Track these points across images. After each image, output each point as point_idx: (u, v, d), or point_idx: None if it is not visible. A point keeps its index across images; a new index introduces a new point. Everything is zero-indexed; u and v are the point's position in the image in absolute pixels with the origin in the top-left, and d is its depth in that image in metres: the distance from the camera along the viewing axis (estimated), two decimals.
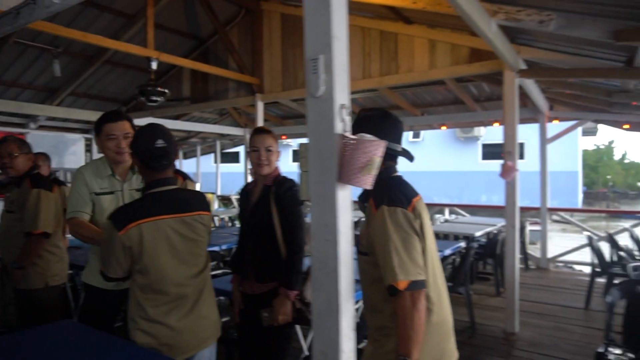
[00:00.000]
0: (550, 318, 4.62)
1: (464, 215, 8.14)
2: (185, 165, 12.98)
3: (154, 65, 4.83)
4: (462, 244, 4.60)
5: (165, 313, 1.79)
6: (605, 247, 5.39)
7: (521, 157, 16.01)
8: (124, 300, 2.24)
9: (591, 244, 4.96)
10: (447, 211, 8.17)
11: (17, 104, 6.58)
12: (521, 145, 15.95)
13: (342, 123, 1.38)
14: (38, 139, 7.92)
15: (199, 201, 1.97)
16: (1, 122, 7.41)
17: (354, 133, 1.44)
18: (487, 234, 6.08)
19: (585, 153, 26.42)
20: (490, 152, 16.60)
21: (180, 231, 1.84)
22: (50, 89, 6.91)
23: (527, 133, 15.02)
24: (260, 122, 6.13)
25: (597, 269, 4.95)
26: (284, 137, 10.40)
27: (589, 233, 5.96)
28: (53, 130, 8.17)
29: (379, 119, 1.64)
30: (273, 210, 2.25)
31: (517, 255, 4.22)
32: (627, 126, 6.59)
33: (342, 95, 1.40)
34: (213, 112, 9.53)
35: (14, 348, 1.76)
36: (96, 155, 8.83)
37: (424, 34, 4.78)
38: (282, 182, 2.31)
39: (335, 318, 1.38)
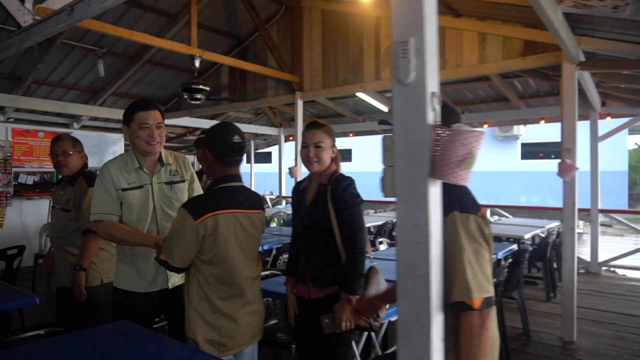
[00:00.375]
0: (609, 326, 4.35)
1: (506, 217, 7.84)
2: None
3: (197, 63, 4.82)
4: (514, 247, 4.38)
5: (230, 305, 1.86)
6: None
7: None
8: (163, 301, 2.23)
9: None
10: (488, 212, 7.89)
11: (63, 104, 6.74)
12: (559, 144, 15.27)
13: (434, 112, 1.26)
14: (80, 139, 8.10)
15: (259, 200, 2.07)
16: (47, 122, 7.62)
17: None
18: (534, 236, 5.82)
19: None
20: (530, 151, 16.00)
21: (246, 226, 1.92)
22: (94, 89, 7.04)
23: None
24: (300, 121, 6.05)
25: None
26: (291, 138, 10.37)
27: None
28: (95, 130, 8.35)
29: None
30: (330, 211, 2.10)
31: (576, 260, 3.99)
32: None
33: (433, 82, 1.28)
34: (248, 111, 9.54)
35: (74, 347, 1.72)
36: None
37: (473, 27, 4.58)
38: (339, 181, 2.15)
39: (426, 328, 1.25)
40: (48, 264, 3.10)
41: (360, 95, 7.26)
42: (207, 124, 9.03)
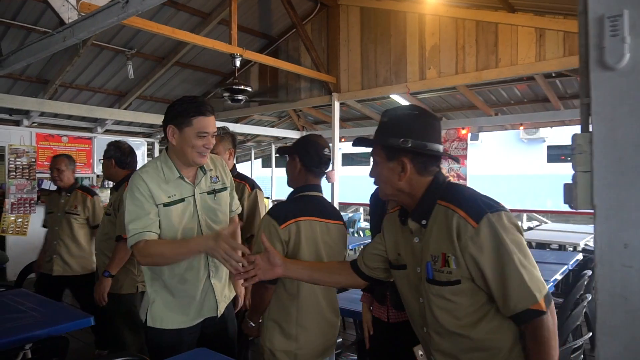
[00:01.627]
0: None
1: (546, 222, 7.54)
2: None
3: (238, 63, 4.61)
4: (579, 256, 4.08)
5: (307, 315, 1.83)
6: None
7: None
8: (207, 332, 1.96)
9: None
10: (524, 217, 7.59)
11: (88, 107, 6.55)
12: None
13: None
14: (103, 143, 7.93)
15: (337, 212, 2.03)
16: (70, 127, 7.45)
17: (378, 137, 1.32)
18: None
19: None
20: (556, 154, 15.62)
21: (324, 236, 1.89)
22: (120, 92, 6.85)
23: None
24: (337, 123, 5.82)
25: None
26: (343, 139, 10.09)
27: None
28: (117, 135, 8.16)
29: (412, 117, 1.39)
30: None
31: None
32: None
33: None
34: (272, 114, 9.33)
35: None
36: None
37: (529, 23, 4.33)
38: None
39: None
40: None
41: (394, 97, 7.02)
42: (231, 127, 8.81)
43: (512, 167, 14.83)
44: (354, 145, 1.50)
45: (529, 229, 6.72)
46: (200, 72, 6.87)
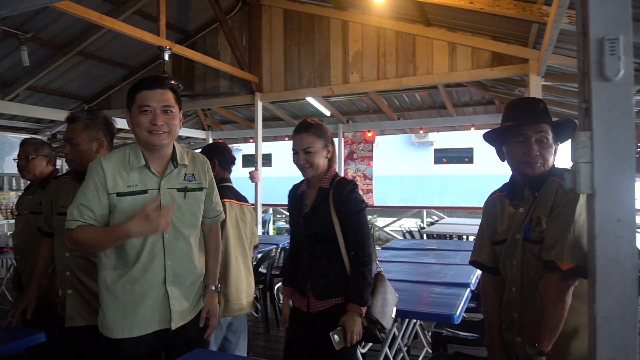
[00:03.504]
0: None
1: (442, 217, 8.38)
2: None
3: (167, 57, 4.37)
4: None
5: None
6: None
7: (471, 161, 17.03)
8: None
9: None
10: (424, 213, 8.36)
11: None
12: (470, 150, 16.92)
13: (637, 109, 1.28)
14: None
15: (245, 197, 2.75)
16: None
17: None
18: None
19: None
20: (440, 156, 17.50)
21: (242, 216, 2.62)
22: (4, 81, 6.00)
23: (475, 138, 16.01)
24: (259, 123, 5.82)
25: None
26: (220, 142, 10.10)
27: None
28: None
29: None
30: (334, 217, 1.95)
31: None
32: None
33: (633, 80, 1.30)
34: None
35: None
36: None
37: (443, 37, 4.83)
38: (342, 185, 1.99)
39: (632, 321, 1.27)
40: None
41: (309, 99, 7.23)
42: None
43: (404, 168, 16.22)
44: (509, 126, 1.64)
45: (431, 223, 7.43)
46: (105, 64, 6.32)
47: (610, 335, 1.30)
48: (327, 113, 8.35)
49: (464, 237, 6.37)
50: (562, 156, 1.59)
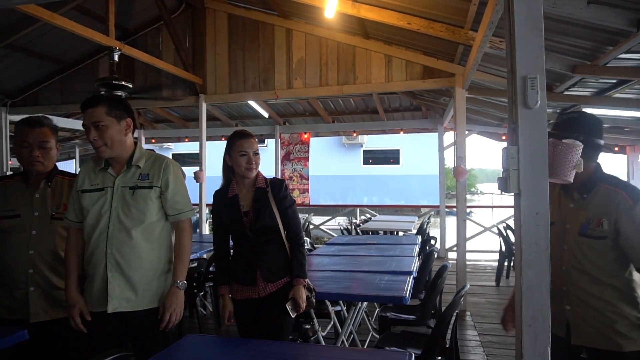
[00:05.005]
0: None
1: (374, 215, 8.94)
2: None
3: (116, 57, 4.33)
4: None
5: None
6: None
7: (397, 162, 18.05)
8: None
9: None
10: (357, 211, 8.87)
11: None
12: (397, 152, 17.94)
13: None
14: None
15: None
16: None
17: (561, 134, 1.81)
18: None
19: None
20: (370, 157, 18.39)
21: None
22: None
23: (402, 141, 17.01)
24: (204, 124, 5.90)
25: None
26: (153, 140, 10.02)
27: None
28: None
29: (586, 119, 1.96)
30: (275, 211, 2.31)
31: (466, 243, 5.00)
32: (504, 137, 8.14)
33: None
34: None
35: None
36: None
37: (380, 49, 5.28)
38: (278, 183, 2.38)
39: (545, 288, 1.69)
40: None
41: (251, 102, 7.40)
42: (62, 122, 7.86)
43: (335, 168, 16.83)
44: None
45: (365, 221, 7.94)
46: (34, 59, 6.01)
47: (532, 300, 1.71)
48: (266, 115, 8.56)
49: (395, 232, 6.92)
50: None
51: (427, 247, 4.77)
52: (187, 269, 2.10)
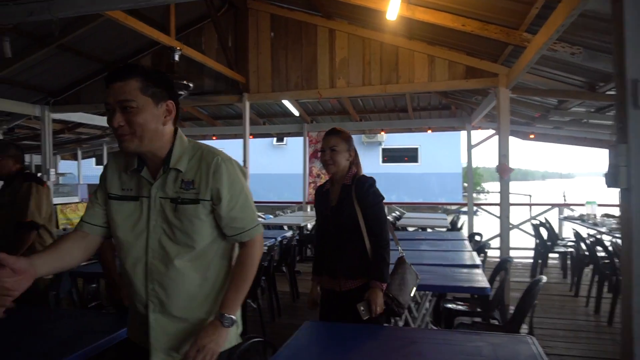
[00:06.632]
0: None
1: (403, 212, 9.08)
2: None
3: (177, 57, 4.47)
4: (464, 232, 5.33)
5: None
6: None
7: (415, 160, 18.18)
8: None
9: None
10: (386, 209, 9.00)
11: None
12: (415, 150, 18.07)
13: None
14: None
15: None
16: None
17: None
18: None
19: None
20: (389, 155, 18.54)
21: None
22: None
23: (421, 139, 17.11)
24: (247, 123, 6.03)
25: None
26: (214, 137, 10.14)
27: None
28: None
29: None
30: (357, 209, 2.33)
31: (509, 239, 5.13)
32: (532, 136, 8.24)
33: None
34: None
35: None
36: None
37: (424, 50, 5.40)
38: (362, 181, 2.39)
39: None
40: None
41: (284, 101, 7.54)
42: (98, 120, 8.04)
43: None
44: None
45: (397, 217, 8.08)
46: (80, 58, 6.15)
47: None
48: (296, 113, 8.70)
49: (427, 229, 7.03)
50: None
51: (473, 243, 4.89)
52: (242, 301, 1.50)
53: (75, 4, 2.66)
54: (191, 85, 4.60)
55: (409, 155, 17.89)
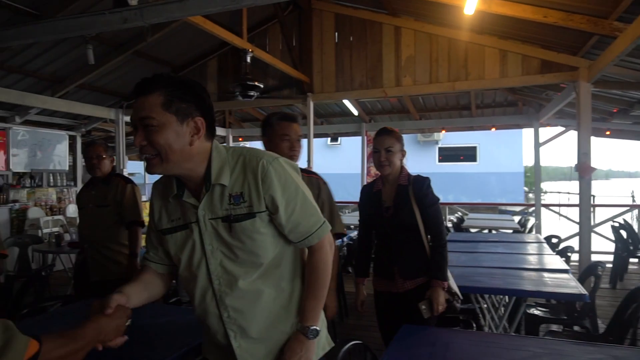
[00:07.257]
0: None
1: (465, 213, 8.81)
2: None
3: (249, 59, 4.58)
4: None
5: None
6: None
7: (473, 159, 17.65)
8: None
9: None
10: (447, 209, 8.78)
11: (19, 93, 5.64)
12: (474, 149, 17.54)
13: None
14: (18, 136, 6.88)
15: None
16: None
17: None
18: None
19: None
20: (446, 154, 18.14)
21: None
22: (56, 78, 6.06)
23: (479, 137, 16.59)
24: (312, 123, 6.07)
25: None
26: (240, 139, 10.36)
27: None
28: (37, 126, 7.14)
29: None
30: (415, 209, 2.30)
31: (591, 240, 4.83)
32: (608, 132, 7.73)
33: None
34: None
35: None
36: (81, 157, 7.83)
37: (495, 44, 5.19)
38: (420, 181, 2.35)
39: None
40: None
41: (344, 101, 7.51)
42: None
43: (410, 165, 16.71)
44: None
45: (460, 218, 7.84)
46: (152, 62, 6.45)
47: None
48: (355, 112, 8.65)
49: (492, 230, 6.76)
50: None
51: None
52: (321, 308, 1.40)
53: (166, 10, 2.77)
54: (262, 86, 4.68)
55: (466, 154, 17.34)
